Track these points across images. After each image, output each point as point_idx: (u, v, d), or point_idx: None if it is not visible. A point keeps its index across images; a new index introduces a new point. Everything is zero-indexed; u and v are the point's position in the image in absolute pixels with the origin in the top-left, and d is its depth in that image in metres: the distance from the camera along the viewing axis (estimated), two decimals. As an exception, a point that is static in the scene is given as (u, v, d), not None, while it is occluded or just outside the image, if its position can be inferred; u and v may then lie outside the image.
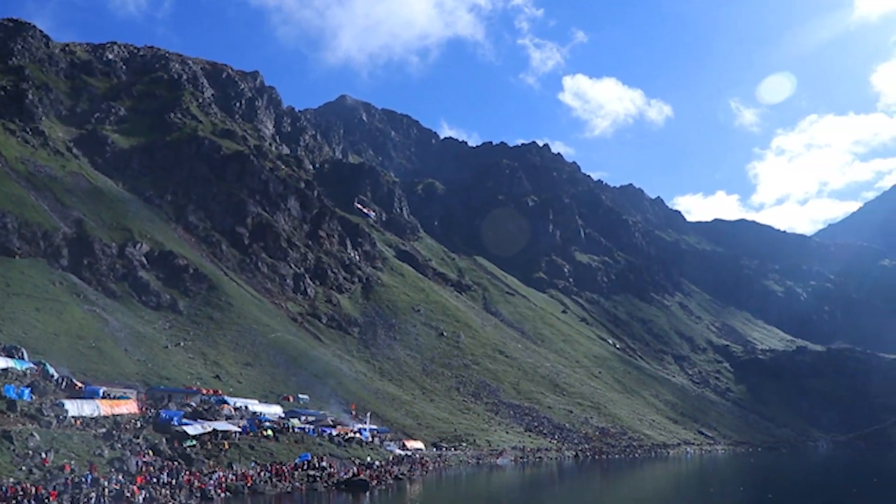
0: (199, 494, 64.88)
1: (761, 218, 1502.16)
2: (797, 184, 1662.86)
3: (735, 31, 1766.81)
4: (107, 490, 57.03)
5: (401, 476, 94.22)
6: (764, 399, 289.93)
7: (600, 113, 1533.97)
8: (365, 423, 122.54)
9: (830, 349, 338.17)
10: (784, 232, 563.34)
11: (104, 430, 72.03)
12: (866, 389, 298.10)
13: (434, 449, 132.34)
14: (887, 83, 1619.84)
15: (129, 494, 57.89)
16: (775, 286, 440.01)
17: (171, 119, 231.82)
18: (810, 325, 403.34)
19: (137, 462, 66.20)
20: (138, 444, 71.35)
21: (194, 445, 77.52)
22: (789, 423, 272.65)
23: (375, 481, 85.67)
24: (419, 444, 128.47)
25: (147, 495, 59.43)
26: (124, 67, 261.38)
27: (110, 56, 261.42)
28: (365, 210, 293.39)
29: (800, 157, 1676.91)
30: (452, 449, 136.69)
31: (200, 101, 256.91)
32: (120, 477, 61.39)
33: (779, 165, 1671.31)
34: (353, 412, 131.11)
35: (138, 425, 77.61)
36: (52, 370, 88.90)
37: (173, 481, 64.64)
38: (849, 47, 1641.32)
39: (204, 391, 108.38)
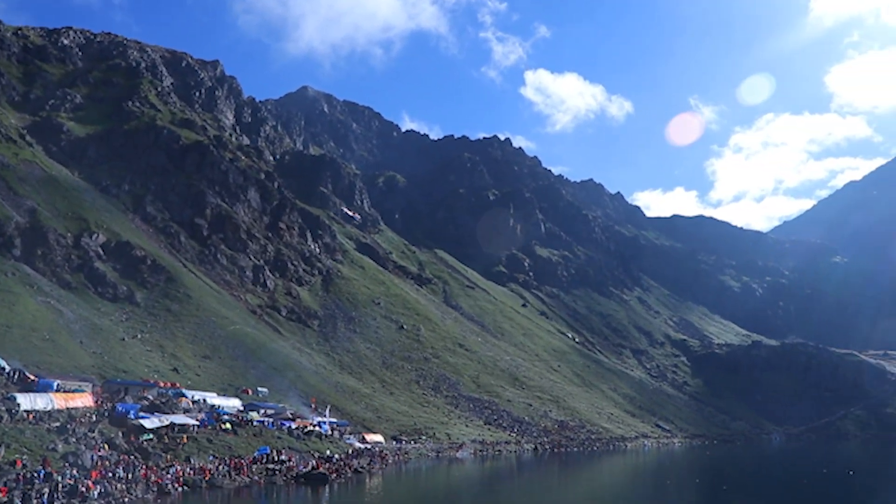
0: (155, 489, 64.12)
1: (719, 214, 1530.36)
2: (754, 181, 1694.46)
3: (695, 31, 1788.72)
4: (60, 485, 56.04)
5: (360, 469, 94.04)
6: (720, 392, 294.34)
7: (562, 108, 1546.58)
8: (324, 416, 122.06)
9: (784, 344, 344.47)
10: (741, 228, 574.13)
11: (58, 424, 70.81)
12: (818, 383, 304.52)
13: (394, 442, 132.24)
14: (840, 85, 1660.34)
15: (83, 489, 56.97)
16: (732, 282, 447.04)
17: (129, 107, 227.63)
18: (765, 320, 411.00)
19: (92, 456, 65.18)
20: (93, 438, 70.27)
21: (151, 439, 76.60)
22: (744, 416, 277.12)
23: (335, 475, 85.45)
24: (379, 438, 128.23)
25: (102, 490, 58.56)
26: (80, 53, 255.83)
27: (66, 41, 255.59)
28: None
29: (757, 154, 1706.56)
30: (412, 442, 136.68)
31: (159, 89, 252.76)
32: (74, 472, 60.40)
33: (736, 163, 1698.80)
34: (313, 405, 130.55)
35: (94, 419, 76.43)
36: (3, 363, 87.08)
37: (129, 475, 63.77)
38: (804, 49, 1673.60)
39: (161, 384, 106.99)
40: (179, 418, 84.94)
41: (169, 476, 67.71)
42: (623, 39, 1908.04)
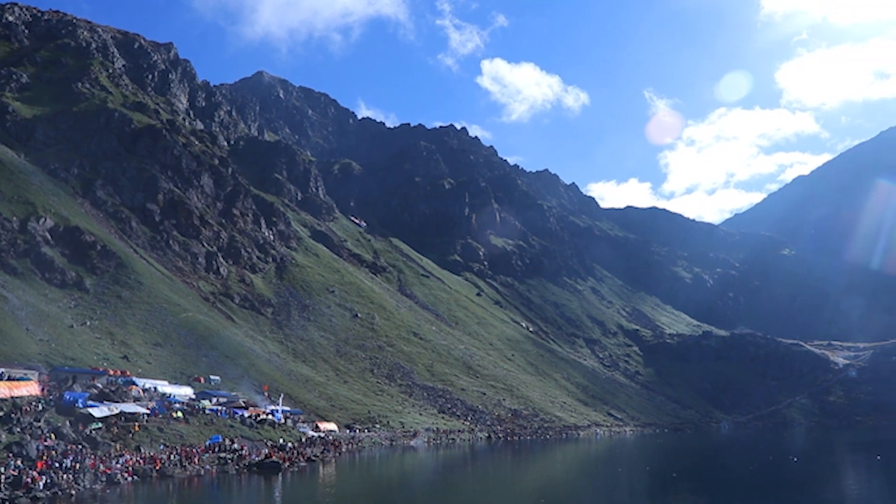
0: (104, 479, 62.94)
1: (672, 206, 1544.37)
2: (706, 174, 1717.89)
3: (651, 25, 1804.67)
4: (3, 477, 54.77)
5: (313, 458, 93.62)
6: (671, 382, 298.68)
7: (518, 98, 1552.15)
8: (277, 404, 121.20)
9: (733, 334, 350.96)
10: (693, 220, 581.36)
11: (1, 413, 69.23)
12: (765, 372, 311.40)
13: (347, 431, 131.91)
14: (790, 81, 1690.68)
15: (28, 480, 55.73)
16: (683, 273, 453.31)
17: (79, 89, 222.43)
18: (715, 310, 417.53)
19: (38, 446, 63.79)
20: (39, 427, 68.77)
21: (100, 428, 75.24)
22: (694, 405, 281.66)
23: (288, 463, 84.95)
24: (332, 426, 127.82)
25: (48, 481, 57.31)
26: (27, 31, 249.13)
27: (10, 18, 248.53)
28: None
29: (709, 148, 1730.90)
30: (366, 431, 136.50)
31: (110, 71, 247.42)
32: (18, 462, 59.10)
33: (689, 156, 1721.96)
34: (266, 393, 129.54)
35: (40, 408, 74.82)
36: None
37: (77, 466, 62.49)
38: (756, 46, 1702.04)
39: (111, 372, 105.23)
40: (129, 407, 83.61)
41: (118, 466, 66.58)
42: (580, 31, 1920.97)
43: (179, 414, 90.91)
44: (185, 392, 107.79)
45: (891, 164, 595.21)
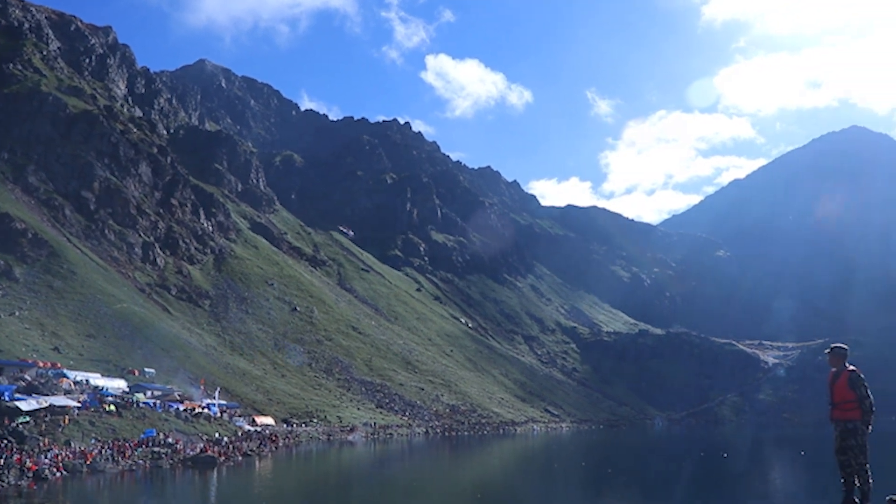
0: (31, 475, 61.32)
1: (611, 206, 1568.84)
2: (645, 175, 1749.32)
3: (594, 26, 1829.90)
4: (-74, 470, 53.07)
5: (250, 452, 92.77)
6: (607, 379, 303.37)
7: (462, 94, 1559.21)
8: (214, 398, 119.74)
9: (669, 333, 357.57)
10: (632, 220, 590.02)
11: (-75, 405, 67.03)
12: (699, 370, 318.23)
13: (284, 425, 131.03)
14: (727, 86, 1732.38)
15: (-48, 475, 54.10)
16: (622, 272, 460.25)
17: (11, 70, 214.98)
18: (652, 309, 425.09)
19: (-38, 441, 61.93)
20: (-37, 421, 66.80)
21: (28, 422, 73.31)
22: (630, 402, 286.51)
23: (223, 458, 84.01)
24: (269, 420, 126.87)
25: (-28, 476, 55.72)
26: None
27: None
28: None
29: (649, 149, 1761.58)
30: (303, 425, 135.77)
31: (45, 53, 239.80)
32: (-58, 456, 57.29)
33: (629, 156, 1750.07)
34: (202, 387, 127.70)
35: (-36, 401, 72.65)
36: None
37: (2, 461, 60.82)
38: (695, 51, 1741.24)
39: (41, 364, 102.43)
40: (59, 400, 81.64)
41: (46, 461, 64.99)
42: (525, 30, 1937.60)
43: (112, 407, 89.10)
44: (118, 385, 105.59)
45: (822, 171, 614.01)
